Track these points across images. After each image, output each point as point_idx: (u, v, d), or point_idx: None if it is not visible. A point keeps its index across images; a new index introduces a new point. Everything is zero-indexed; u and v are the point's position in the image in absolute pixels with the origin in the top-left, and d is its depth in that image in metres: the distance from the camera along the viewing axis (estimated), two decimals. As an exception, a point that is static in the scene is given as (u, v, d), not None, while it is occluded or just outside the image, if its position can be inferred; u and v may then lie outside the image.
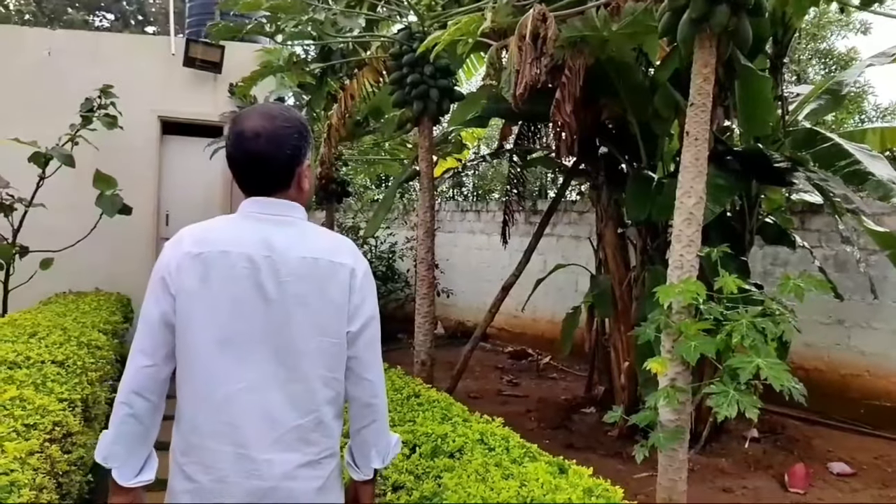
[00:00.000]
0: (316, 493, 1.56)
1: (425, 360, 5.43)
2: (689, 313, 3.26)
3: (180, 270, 1.53)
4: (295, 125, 1.61)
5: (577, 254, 8.68)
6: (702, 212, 3.30)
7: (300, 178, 1.64)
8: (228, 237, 1.56)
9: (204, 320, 1.52)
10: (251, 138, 1.55)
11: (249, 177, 1.61)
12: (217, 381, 1.52)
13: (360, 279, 1.61)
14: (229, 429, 1.51)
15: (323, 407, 1.57)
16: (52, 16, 14.72)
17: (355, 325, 1.60)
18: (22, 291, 6.00)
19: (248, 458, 1.50)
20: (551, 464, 2.36)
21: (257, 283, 1.52)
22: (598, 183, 6.09)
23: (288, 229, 1.59)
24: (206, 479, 1.51)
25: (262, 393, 1.52)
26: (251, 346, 1.52)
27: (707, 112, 3.28)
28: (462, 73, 7.34)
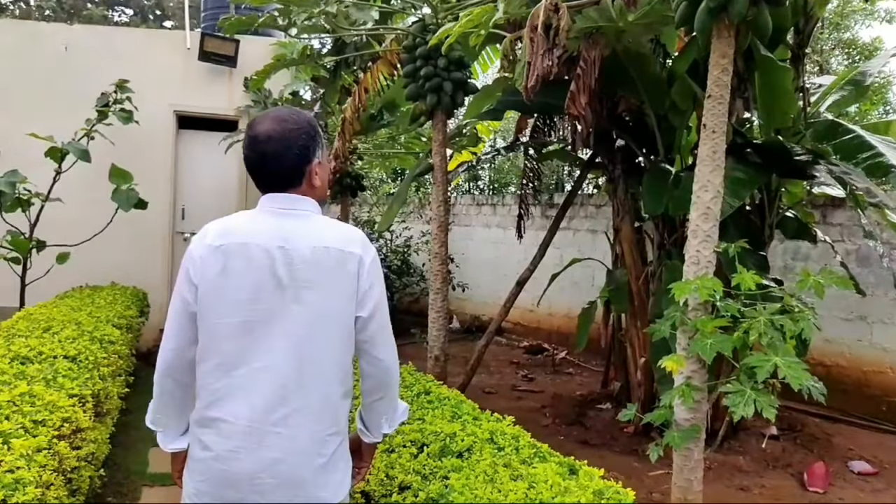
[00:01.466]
0: (319, 470, 1.69)
1: (439, 355, 5.40)
2: (705, 310, 3.19)
3: (203, 261, 1.68)
4: (304, 127, 1.75)
5: (593, 248, 8.60)
6: (719, 206, 3.23)
7: (311, 175, 1.77)
8: (247, 230, 1.70)
9: (224, 305, 1.67)
10: (263, 141, 1.72)
11: (264, 176, 1.75)
12: (234, 361, 1.66)
13: (367, 267, 1.73)
14: (244, 404, 1.65)
15: (331, 387, 1.71)
16: (71, 11, 14.84)
17: (366, 310, 1.73)
18: (39, 285, 6.04)
19: (260, 431, 1.64)
20: (562, 464, 2.32)
21: (272, 272, 1.66)
22: (615, 176, 6.00)
23: (300, 222, 1.72)
24: (220, 448, 1.66)
25: (275, 372, 1.65)
26: (266, 329, 1.65)
27: (725, 104, 3.20)
28: (478, 66, 7.28)
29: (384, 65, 5.83)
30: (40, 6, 14.99)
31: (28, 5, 15.66)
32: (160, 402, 1.82)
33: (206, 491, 1.69)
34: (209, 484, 1.68)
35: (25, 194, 5.90)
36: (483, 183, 12.55)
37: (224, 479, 1.66)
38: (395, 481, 2.19)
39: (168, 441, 1.84)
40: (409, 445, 2.43)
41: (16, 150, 5.98)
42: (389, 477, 2.23)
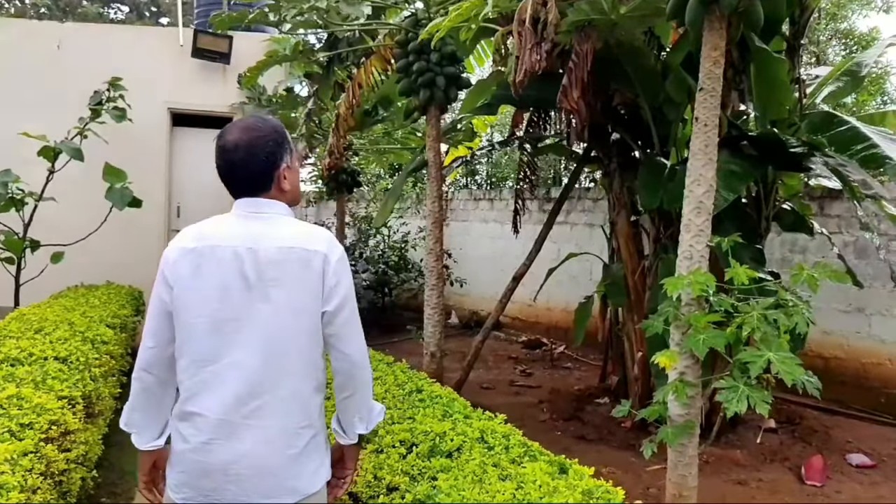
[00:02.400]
0: (292, 460, 1.76)
1: (435, 351, 5.38)
2: (698, 305, 3.16)
3: (177, 263, 1.77)
4: (270, 134, 1.83)
5: (591, 242, 8.57)
6: (712, 200, 3.20)
7: (279, 180, 1.85)
8: (218, 234, 1.79)
9: (197, 305, 1.75)
10: (231, 150, 1.81)
11: (234, 183, 1.84)
12: (207, 358, 1.75)
13: (333, 264, 1.80)
14: (216, 398, 1.74)
15: (300, 381, 1.78)
16: (66, 9, 14.78)
17: (331, 305, 1.79)
18: (34, 285, 6.02)
19: (231, 424, 1.73)
20: (552, 463, 2.30)
21: (241, 272, 1.74)
22: (611, 170, 5.97)
23: (268, 224, 1.80)
24: (196, 440, 1.74)
25: (245, 368, 1.73)
26: (237, 327, 1.73)
27: (717, 97, 3.17)
28: (473, 60, 7.24)
29: (378, 60, 5.79)
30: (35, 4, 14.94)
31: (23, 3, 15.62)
32: (137, 400, 1.87)
33: (185, 482, 1.77)
34: (188, 475, 1.77)
35: (19, 194, 5.88)
36: (481, 178, 12.51)
37: (201, 469, 1.74)
38: (383, 482, 2.17)
39: (143, 440, 1.89)
40: (398, 446, 2.41)
41: (8, 149, 5.96)
42: (377, 478, 2.21)
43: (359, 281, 10.29)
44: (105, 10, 17.12)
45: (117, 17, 17.90)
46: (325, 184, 8.19)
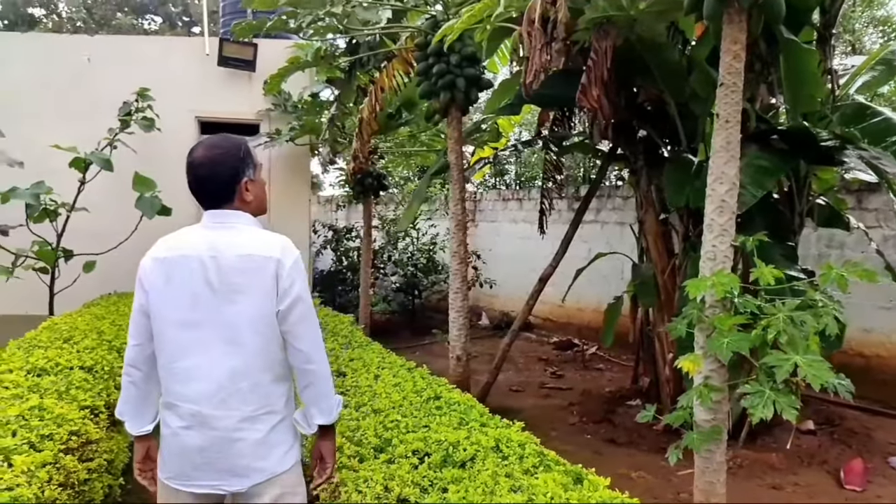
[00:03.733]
0: (257, 444, 1.97)
1: (461, 355, 5.35)
2: (723, 307, 3.07)
3: (150, 271, 1.99)
4: (231, 151, 2.01)
5: (622, 241, 8.44)
6: (735, 199, 3.10)
7: (241, 192, 2.02)
8: (186, 243, 1.99)
9: (168, 309, 1.97)
10: (197, 166, 1.99)
11: (200, 195, 2.02)
12: (177, 357, 1.97)
13: (287, 268, 1.97)
14: (187, 392, 1.97)
15: (258, 374, 1.98)
16: (101, 21, 15.10)
17: (284, 304, 1.96)
18: (68, 294, 6.14)
19: (201, 414, 1.96)
20: (567, 473, 2.24)
21: (206, 279, 1.94)
22: (637, 168, 5.87)
23: (230, 233, 1.99)
24: (176, 426, 1.99)
25: (210, 365, 1.95)
26: (202, 328, 1.94)
27: (738, 92, 3.07)
28: (497, 61, 7.19)
29: (400, 63, 5.78)
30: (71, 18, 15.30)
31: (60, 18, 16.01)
32: (127, 393, 2.11)
33: (168, 462, 2.03)
34: (171, 456, 2.02)
35: (52, 205, 5.99)
36: (510, 177, 12.43)
37: (181, 451, 1.99)
38: (393, 494, 2.13)
39: (134, 427, 2.14)
40: (410, 456, 2.38)
41: (41, 161, 6.06)
42: (388, 489, 2.17)
43: (388, 284, 10.32)
44: (138, 22, 17.47)
45: (151, 27, 18.27)
46: (351, 188, 8.20)
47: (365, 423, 2.78)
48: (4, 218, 6.04)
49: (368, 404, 3.03)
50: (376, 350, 4.22)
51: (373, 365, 3.76)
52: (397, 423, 2.73)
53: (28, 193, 5.75)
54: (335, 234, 10.47)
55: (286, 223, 7.70)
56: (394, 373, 3.56)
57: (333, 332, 4.89)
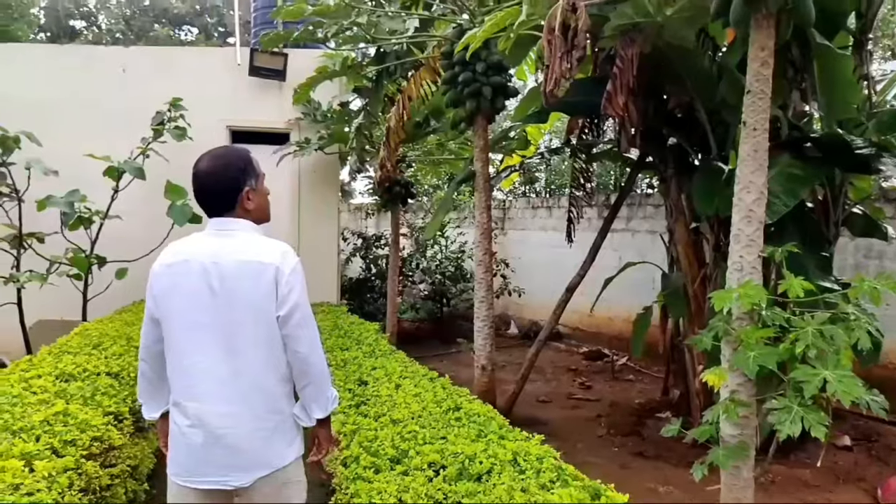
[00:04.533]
0: (261, 441, 2.08)
1: (486, 364, 5.31)
2: (751, 319, 2.99)
3: (158, 277, 2.11)
4: (234, 162, 2.12)
5: (653, 249, 8.31)
6: (763, 208, 3.03)
7: (243, 200, 2.11)
8: (191, 250, 2.08)
9: (175, 312, 2.07)
10: (201, 176, 2.11)
11: (205, 204, 2.13)
12: (182, 356, 2.07)
13: (286, 275, 2.06)
14: (192, 390, 2.06)
15: (262, 375, 2.07)
16: (139, 33, 15.46)
17: (284, 309, 2.05)
18: (101, 300, 6.26)
19: (204, 411, 2.05)
20: (585, 488, 2.19)
21: (208, 283, 2.03)
22: (667, 176, 5.77)
23: (231, 240, 2.08)
24: (182, 424, 2.08)
25: (212, 364, 2.04)
26: (206, 330, 2.04)
27: (766, 99, 3.00)
28: (526, 68, 7.17)
29: (427, 72, 5.78)
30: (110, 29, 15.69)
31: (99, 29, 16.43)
32: (141, 382, 2.28)
33: (175, 459, 2.13)
34: (177, 453, 2.12)
35: (86, 212, 6.12)
36: (540, 185, 12.36)
37: (187, 447, 2.08)
38: (406, 507, 2.12)
39: (149, 411, 2.33)
40: (426, 468, 2.35)
41: (76, 169, 6.20)
42: (401, 502, 2.15)
43: (416, 291, 10.31)
44: (175, 33, 17.83)
45: (187, 38, 18.63)
46: (379, 196, 8.23)
47: (383, 433, 2.77)
48: (41, 225, 6.20)
49: (388, 414, 3.02)
50: (399, 359, 4.21)
51: (395, 374, 3.75)
52: (415, 434, 2.71)
53: (63, 201, 5.89)
54: (364, 241, 10.51)
55: (315, 231, 7.77)
56: (415, 382, 3.55)
57: (358, 340, 4.90)
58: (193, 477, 2.08)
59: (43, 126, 6.52)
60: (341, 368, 4.06)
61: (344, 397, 3.45)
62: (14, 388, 3.16)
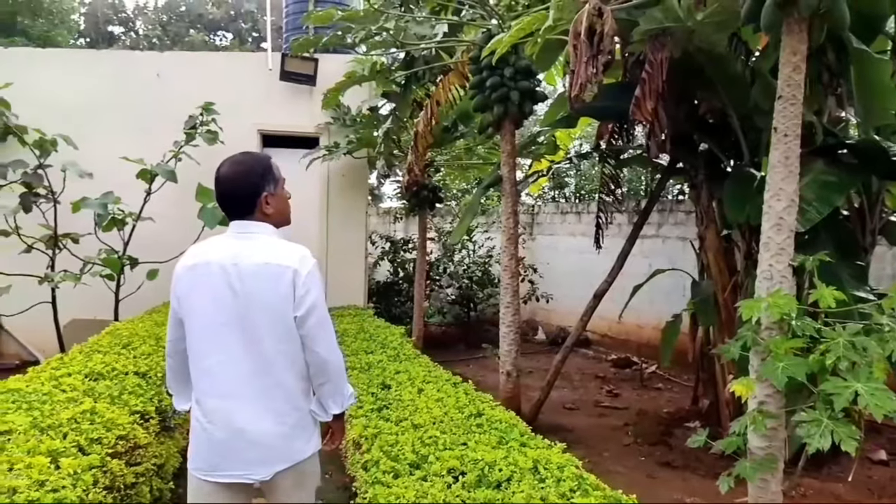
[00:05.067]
0: (282, 436, 2.14)
1: (511, 371, 5.28)
2: (780, 329, 2.92)
3: (181, 278, 2.17)
4: (254, 167, 2.18)
5: (684, 256, 8.20)
6: (793, 216, 2.96)
7: (262, 205, 2.17)
8: (212, 251, 2.15)
9: (196, 312, 2.13)
10: (223, 182, 2.18)
11: (226, 207, 2.20)
12: (204, 355, 2.14)
13: (303, 277, 2.12)
14: (213, 388, 2.13)
15: (280, 372, 2.13)
16: (175, 38, 15.75)
17: (301, 310, 2.11)
18: (132, 300, 6.37)
19: (227, 408, 2.11)
20: (606, 499, 2.16)
21: (228, 284, 2.09)
22: (698, 182, 5.69)
23: (250, 243, 2.15)
24: (204, 420, 2.15)
25: (234, 363, 2.10)
26: (226, 329, 2.10)
27: (798, 105, 2.94)
28: (555, 73, 7.13)
29: (456, 76, 5.79)
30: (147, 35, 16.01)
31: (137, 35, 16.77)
32: (169, 374, 2.38)
33: (196, 454, 2.18)
34: (198, 448, 2.17)
35: (119, 214, 6.24)
36: (569, 190, 12.28)
37: (208, 442, 2.14)
38: (424, 512, 2.11)
39: (178, 404, 2.41)
40: (445, 474, 2.34)
41: (110, 172, 6.33)
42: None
43: (444, 296, 10.30)
44: (210, 38, 18.11)
45: (222, 43, 18.92)
46: (406, 200, 8.25)
47: (403, 438, 2.76)
48: (75, 227, 6.34)
49: (409, 419, 3.01)
50: (423, 363, 4.21)
51: (418, 378, 3.75)
52: (435, 439, 2.70)
53: (97, 203, 6.01)
54: (392, 245, 10.54)
55: (343, 234, 7.81)
56: (438, 387, 3.54)
57: (383, 343, 4.91)
58: (215, 471, 2.13)
59: (79, 129, 6.68)
60: (365, 372, 4.06)
61: (366, 401, 3.46)
62: (45, 386, 3.23)
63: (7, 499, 2.02)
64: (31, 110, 6.65)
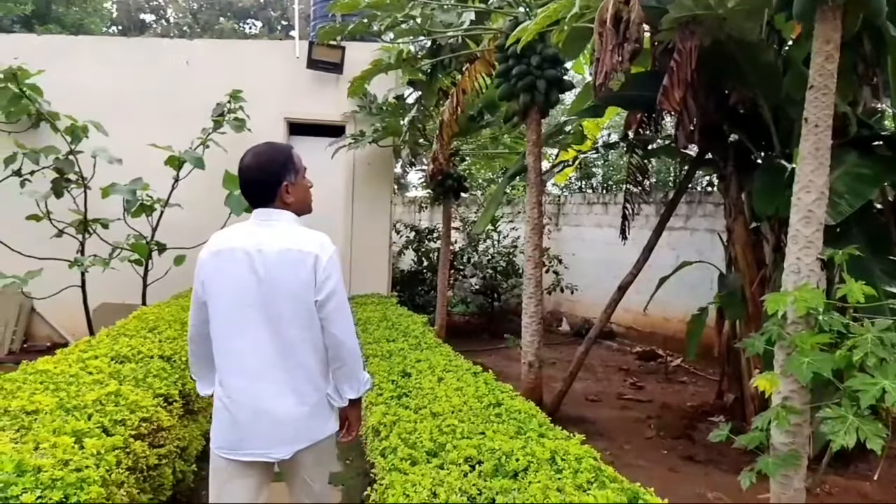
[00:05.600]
0: (305, 416, 2.23)
1: (533, 361, 5.26)
2: (806, 324, 2.87)
3: (205, 263, 2.25)
4: (275, 157, 2.26)
5: (712, 248, 8.07)
6: (823, 209, 2.90)
7: (283, 193, 2.25)
8: (236, 238, 2.22)
9: (221, 296, 2.21)
10: (245, 171, 2.26)
11: (248, 196, 2.28)
12: (228, 337, 2.21)
13: (324, 263, 2.20)
14: (238, 368, 2.20)
15: (302, 354, 2.22)
16: (205, 26, 15.87)
17: (321, 295, 2.19)
18: (160, 285, 6.47)
19: (251, 389, 2.19)
20: (623, 491, 2.14)
21: (252, 269, 2.17)
22: (727, 173, 5.60)
23: (273, 230, 2.22)
24: (227, 401, 2.22)
25: (257, 344, 2.18)
26: (250, 312, 2.18)
27: (830, 95, 2.87)
28: (583, 61, 7.06)
29: (482, 65, 5.75)
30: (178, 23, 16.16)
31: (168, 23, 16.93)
32: (192, 360, 2.45)
33: (219, 433, 2.25)
34: (221, 427, 2.25)
35: (148, 200, 6.32)
36: (596, 181, 12.16)
37: (232, 422, 2.21)
38: (439, 500, 2.10)
39: (202, 388, 2.48)
40: (462, 463, 2.34)
41: (139, 159, 6.41)
42: (434, 495, 2.14)
43: (468, 285, 10.29)
44: (240, 26, 18.23)
45: (251, 31, 19.03)
46: (431, 189, 8.23)
47: (422, 426, 2.76)
48: (105, 212, 6.44)
49: (428, 407, 3.01)
50: (444, 352, 4.21)
51: (438, 367, 3.75)
52: (454, 428, 2.69)
53: (126, 189, 6.09)
54: (417, 234, 10.55)
55: (367, 223, 7.83)
56: (458, 376, 3.53)
57: (405, 332, 4.92)
58: (238, 450, 2.21)
59: (109, 116, 6.76)
60: (386, 359, 4.08)
61: (386, 388, 3.47)
62: (72, 368, 3.29)
63: (32, 477, 2.07)
64: (63, 97, 6.76)
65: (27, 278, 5.58)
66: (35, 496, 1.97)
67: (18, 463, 2.11)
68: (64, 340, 7.18)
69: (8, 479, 2.01)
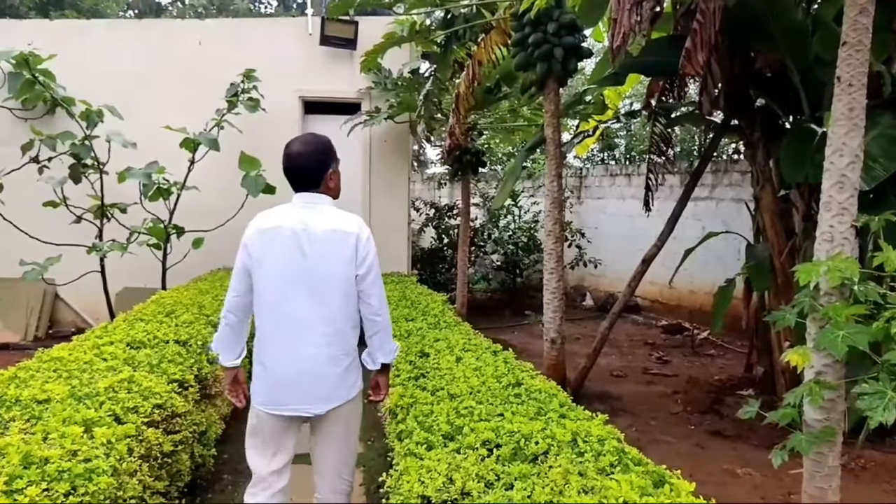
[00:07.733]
0: (339, 377, 2.50)
1: (555, 338, 5.15)
2: (840, 295, 2.73)
3: (253, 239, 2.47)
4: (321, 147, 2.53)
5: (739, 218, 7.88)
6: (857, 174, 2.74)
7: (327, 179, 2.52)
8: (282, 217, 2.47)
9: (267, 269, 2.45)
10: (295, 157, 2.49)
11: (295, 181, 2.52)
12: (275, 304, 2.45)
13: (364, 241, 2.50)
14: (282, 332, 2.45)
15: (340, 322, 2.49)
16: (220, 6, 15.76)
17: (362, 269, 2.50)
18: (179, 268, 6.45)
19: (293, 350, 2.45)
20: (648, 474, 2.05)
21: (298, 245, 2.43)
22: (753, 140, 5.40)
23: (317, 212, 2.48)
24: (270, 363, 2.48)
25: (301, 311, 2.44)
26: (295, 284, 2.43)
27: (864, 52, 2.69)
28: (602, 28, 6.84)
29: (498, 35, 5.58)
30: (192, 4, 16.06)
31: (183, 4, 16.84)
32: (223, 333, 2.58)
33: (264, 393, 2.49)
34: (263, 385, 2.50)
35: (164, 184, 6.28)
36: (619, 152, 11.92)
37: (275, 381, 2.47)
38: (456, 486, 2.02)
39: (226, 360, 2.61)
40: (479, 447, 2.25)
41: (154, 142, 6.36)
42: (451, 480, 2.06)
43: (489, 262, 10.17)
44: (255, 6, 18.08)
45: (266, 10, 18.87)
46: (449, 165, 8.09)
47: (438, 408, 2.69)
48: (122, 196, 6.42)
49: (445, 388, 2.94)
50: (463, 331, 4.12)
51: (457, 346, 3.66)
52: (471, 410, 2.62)
53: (142, 173, 6.05)
54: (437, 211, 10.43)
55: (385, 201, 7.74)
56: (477, 356, 3.45)
57: (424, 311, 4.84)
58: (279, 405, 2.47)
59: (123, 99, 6.71)
60: (404, 339, 4.00)
61: (404, 369, 3.39)
62: (86, 355, 3.25)
63: (39, 469, 2.02)
64: (78, 81, 6.71)
65: (47, 265, 5.58)
66: (41, 489, 1.93)
67: (25, 454, 2.06)
68: (88, 325, 7.23)
69: (13, 472, 1.97)
